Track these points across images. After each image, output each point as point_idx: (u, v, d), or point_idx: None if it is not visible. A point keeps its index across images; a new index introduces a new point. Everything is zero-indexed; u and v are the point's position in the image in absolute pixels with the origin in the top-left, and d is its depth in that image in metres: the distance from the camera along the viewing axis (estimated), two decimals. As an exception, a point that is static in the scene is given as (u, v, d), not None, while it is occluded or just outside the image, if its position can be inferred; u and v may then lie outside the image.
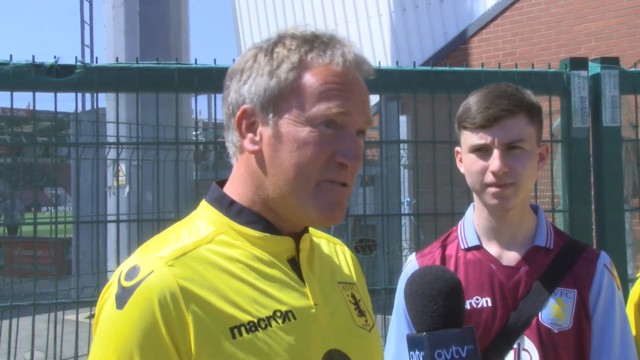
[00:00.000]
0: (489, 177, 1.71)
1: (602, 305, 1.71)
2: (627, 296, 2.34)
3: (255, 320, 1.13)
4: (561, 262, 1.75)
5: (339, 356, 1.20)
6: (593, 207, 2.97)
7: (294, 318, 1.16)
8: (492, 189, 1.71)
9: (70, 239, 9.46)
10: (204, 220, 1.23)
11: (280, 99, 1.18)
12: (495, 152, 1.69)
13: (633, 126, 3.02)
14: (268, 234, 1.21)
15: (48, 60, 2.65)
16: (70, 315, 4.19)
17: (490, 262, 1.76)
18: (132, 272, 1.12)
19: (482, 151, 1.72)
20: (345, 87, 1.18)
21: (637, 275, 1.98)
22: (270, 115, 1.18)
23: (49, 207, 12.24)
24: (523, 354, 1.70)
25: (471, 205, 1.87)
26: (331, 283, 1.29)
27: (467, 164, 1.75)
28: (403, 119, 7.47)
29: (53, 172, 8.63)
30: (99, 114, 7.40)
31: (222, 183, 1.29)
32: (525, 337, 1.71)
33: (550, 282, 1.72)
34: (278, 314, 1.15)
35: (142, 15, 10.03)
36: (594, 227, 2.98)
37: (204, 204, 1.27)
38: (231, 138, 1.25)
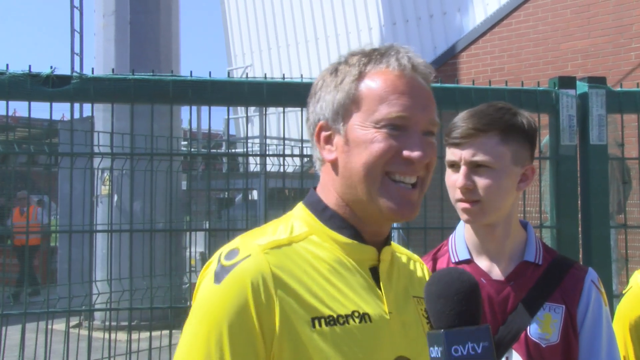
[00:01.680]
0: (458, 193, 1.76)
1: (590, 321, 1.74)
2: (613, 311, 2.38)
3: (335, 316, 1.22)
4: (550, 278, 1.78)
5: None
6: (580, 223, 3.01)
7: (370, 321, 1.25)
8: (461, 205, 1.77)
9: (56, 247, 9.41)
10: (298, 220, 1.34)
11: (346, 108, 1.29)
12: (462, 169, 1.74)
13: (619, 145, 3.08)
14: (355, 242, 1.30)
15: (44, 69, 2.67)
16: (56, 325, 4.17)
17: (480, 276, 1.79)
18: (232, 254, 1.24)
19: (454, 167, 1.77)
20: (404, 90, 1.27)
21: (623, 292, 2.01)
22: (341, 124, 1.30)
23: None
24: None
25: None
26: (406, 295, 1.37)
27: (446, 178, 1.82)
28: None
29: (43, 181, 8.58)
30: (88, 122, 7.38)
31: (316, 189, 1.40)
32: (514, 351, 1.74)
33: (538, 297, 1.75)
34: (356, 314, 1.24)
35: (132, 24, 10.04)
36: (580, 242, 3.02)
37: (300, 206, 1.38)
38: (315, 154, 1.37)
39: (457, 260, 1.84)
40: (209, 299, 1.21)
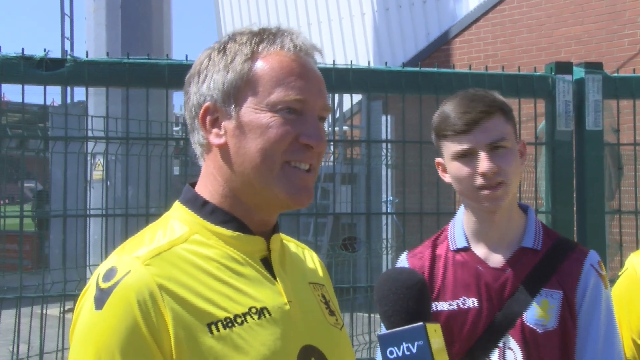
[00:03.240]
0: (479, 180, 1.72)
1: (587, 305, 1.74)
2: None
3: (232, 317, 1.15)
4: (547, 264, 1.77)
5: (314, 352, 1.23)
6: (575, 209, 3.02)
7: (269, 314, 1.19)
8: (484, 192, 1.73)
9: (48, 232, 9.38)
10: (177, 221, 1.25)
11: (239, 90, 1.21)
12: (482, 154, 1.71)
13: (615, 130, 3.08)
14: (241, 234, 1.23)
15: (36, 53, 2.64)
16: (52, 310, 4.16)
17: (477, 264, 1.79)
18: (110, 274, 1.13)
19: (467, 156, 1.74)
20: (300, 72, 1.22)
21: (619, 274, 2.02)
22: (232, 107, 1.22)
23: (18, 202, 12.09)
24: (508, 352, 1.74)
25: (461, 206, 1.89)
26: (302, 282, 1.33)
27: (454, 171, 1.77)
28: (385, 118, 7.51)
29: (30, 166, 8.53)
30: (79, 107, 7.33)
31: (194, 185, 1.31)
32: (510, 337, 1.74)
33: (535, 283, 1.75)
34: (253, 310, 1.17)
35: (124, 8, 9.94)
36: (575, 228, 3.03)
37: (177, 205, 1.29)
38: (197, 139, 1.27)
39: (455, 248, 1.83)
40: (92, 328, 1.10)
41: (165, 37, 10.33)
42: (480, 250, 1.81)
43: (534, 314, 1.73)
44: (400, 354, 1.18)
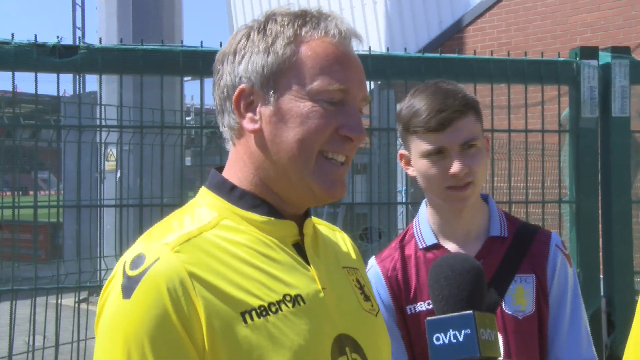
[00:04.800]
0: (449, 180, 1.71)
1: (557, 286, 1.77)
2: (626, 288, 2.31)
3: (266, 305, 1.11)
4: (516, 249, 1.78)
5: (348, 340, 1.18)
6: (600, 198, 2.95)
7: (303, 302, 1.14)
8: (453, 192, 1.72)
9: (61, 223, 9.38)
10: (204, 207, 1.20)
11: (280, 75, 1.16)
12: (454, 155, 1.70)
13: (642, 117, 3.00)
14: (272, 218, 1.19)
15: (49, 40, 2.59)
16: (66, 300, 4.14)
17: None
18: (138, 261, 1.09)
19: (437, 155, 1.72)
20: (344, 61, 1.17)
21: None
22: (271, 92, 1.16)
23: (44, 191, 12.11)
24: None
25: (423, 202, 1.87)
26: (336, 268, 1.28)
27: (423, 169, 1.74)
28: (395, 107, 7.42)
29: (42, 157, 8.52)
30: (90, 97, 7.30)
31: (220, 169, 1.26)
32: None
33: (508, 270, 1.76)
34: (288, 297, 1.13)
35: (134, -2, 9.89)
36: (600, 218, 2.96)
37: (203, 191, 1.24)
38: (227, 121, 1.21)
39: (424, 246, 1.82)
40: (120, 317, 1.06)
41: (176, 26, 10.29)
42: (450, 245, 1.81)
43: (512, 301, 1.74)
44: (446, 340, 1.15)
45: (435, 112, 1.69)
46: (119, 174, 7.23)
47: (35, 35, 2.55)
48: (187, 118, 9.80)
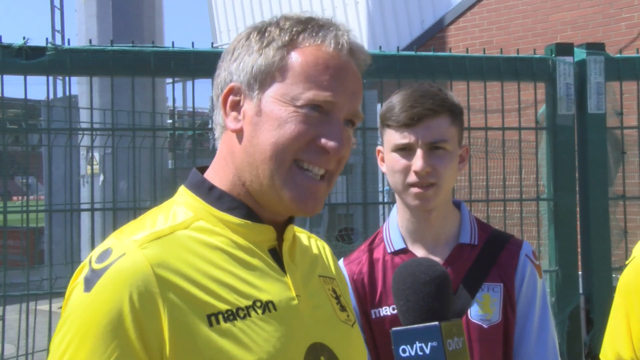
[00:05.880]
0: (412, 177, 1.70)
1: (525, 296, 1.76)
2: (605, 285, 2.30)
3: (234, 309, 1.08)
4: (485, 258, 1.77)
5: (324, 349, 1.15)
6: (577, 195, 2.94)
7: (275, 309, 1.12)
8: (414, 190, 1.71)
9: (43, 228, 9.28)
10: (182, 206, 1.18)
11: (266, 76, 1.14)
12: (419, 152, 1.69)
13: (618, 113, 2.99)
14: (249, 222, 1.16)
15: (16, 41, 2.53)
16: (42, 306, 4.08)
17: None
18: (104, 255, 1.07)
19: (405, 150, 1.71)
20: (336, 72, 1.14)
21: (626, 262, 1.95)
22: (256, 92, 1.15)
23: (20, 197, 11.98)
24: None
25: (395, 206, 1.86)
26: (313, 276, 1.25)
27: (390, 163, 1.74)
28: (380, 106, 7.42)
29: (24, 160, 8.43)
30: (72, 101, 7.22)
31: (202, 170, 1.24)
32: None
33: (476, 278, 1.74)
34: (258, 304, 1.10)
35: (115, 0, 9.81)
36: (578, 215, 2.95)
37: (182, 190, 1.22)
38: (217, 118, 1.21)
39: (392, 250, 1.81)
40: (77, 309, 1.05)
41: (157, 28, 10.22)
42: (418, 250, 1.79)
43: (478, 310, 1.72)
44: (412, 353, 1.12)
45: (407, 107, 1.70)
46: (102, 178, 7.16)
47: (0, 36, 2.49)
48: (169, 121, 9.72)
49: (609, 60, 2.90)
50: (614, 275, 2.89)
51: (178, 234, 1.12)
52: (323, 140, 1.12)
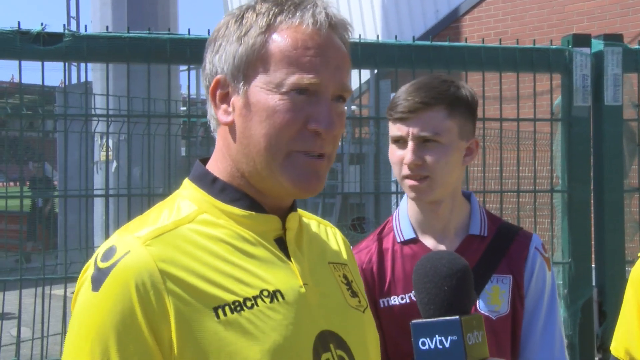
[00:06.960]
0: (405, 170, 1.71)
1: (534, 289, 1.77)
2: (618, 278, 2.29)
3: (241, 300, 1.08)
4: (495, 249, 1.78)
5: (333, 337, 1.15)
6: (592, 187, 2.93)
7: (282, 297, 1.11)
8: (409, 182, 1.72)
9: (57, 213, 9.36)
10: (186, 200, 1.18)
11: (249, 66, 1.13)
12: (409, 145, 1.70)
13: (635, 105, 2.97)
14: (253, 212, 1.16)
15: (34, 27, 2.55)
16: (56, 290, 4.12)
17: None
18: (109, 253, 1.08)
19: (400, 142, 1.72)
20: (317, 52, 1.12)
21: (638, 255, 1.94)
22: (241, 83, 1.14)
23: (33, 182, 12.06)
24: None
25: (405, 195, 1.85)
26: (321, 263, 1.25)
27: (389, 154, 1.76)
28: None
29: (39, 147, 8.49)
30: (82, 86, 7.26)
31: (206, 161, 1.24)
32: None
33: (485, 270, 1.75)
34: (265, 293, 1.10)
35: (129, -14, 9.82)
36: (592, 207, 2.94)
37: (186, 182, 1.22)
38: (210, 111, 1.20)
39: (402, 239, 1.81)
40: (88, 309, 1.06)
41: (171, 15, 10.22)
42: (428, 240, 1.80)
43: (487, 301, 1.73)
44: (432, 346, 1.11)
45: (402, 101, 1.71)
46: (114, 165, 7.20)
47: (19, 22, 2.50)
48: (183, 108, 9.74)
49: (627, 51, 2.88)
50: (627, 268, 2.88)
51: (181, 229, 1.12)
52: (314, 125, 1.11)
